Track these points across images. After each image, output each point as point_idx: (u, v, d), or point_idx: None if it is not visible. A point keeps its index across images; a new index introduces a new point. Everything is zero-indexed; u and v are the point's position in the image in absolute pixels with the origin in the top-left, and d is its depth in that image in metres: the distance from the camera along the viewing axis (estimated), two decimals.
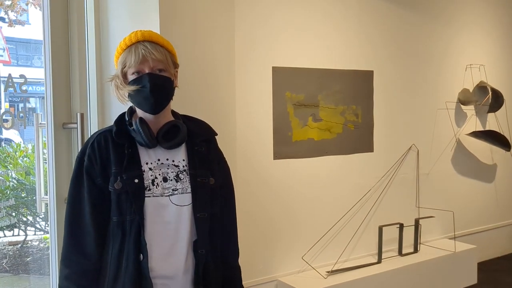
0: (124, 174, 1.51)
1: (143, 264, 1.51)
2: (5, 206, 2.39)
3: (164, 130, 1.59)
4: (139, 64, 1.53)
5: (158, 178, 1.56)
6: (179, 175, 1.59)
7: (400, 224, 3.79)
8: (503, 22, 4.74)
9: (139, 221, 1.50)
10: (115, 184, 1.51)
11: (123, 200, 1.51)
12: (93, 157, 1.53)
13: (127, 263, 1.51)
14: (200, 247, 1.59)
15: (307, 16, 3.42)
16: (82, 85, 2.18)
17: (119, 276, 1.51)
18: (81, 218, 1.53)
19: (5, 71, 2.28)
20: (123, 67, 1.56)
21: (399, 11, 3.93)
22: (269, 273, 3.31)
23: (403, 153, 3.99)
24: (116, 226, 1.52)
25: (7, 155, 2.64)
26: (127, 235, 1.51)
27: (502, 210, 4.84)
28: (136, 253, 1.51)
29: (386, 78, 3.86)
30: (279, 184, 3.33)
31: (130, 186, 1.51)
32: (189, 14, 2.49)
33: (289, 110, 3.35)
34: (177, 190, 1.58)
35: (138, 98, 1.55)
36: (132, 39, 1.57)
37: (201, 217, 1.59)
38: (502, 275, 4.31)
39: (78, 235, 1.54)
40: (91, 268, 1.54)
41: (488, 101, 4.39)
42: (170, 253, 1.55)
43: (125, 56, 1.56)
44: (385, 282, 3.50)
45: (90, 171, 1.53)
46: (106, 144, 1.54)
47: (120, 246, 1.52)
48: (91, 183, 1.53)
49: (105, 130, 1.60)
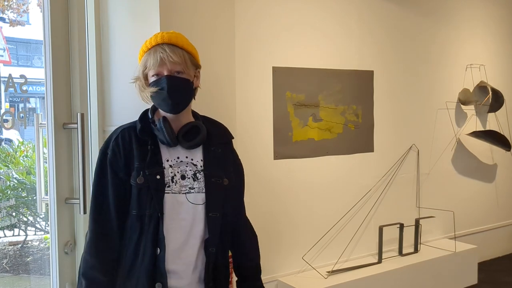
0: (147, 169, 1.57)
1: (159, 257, 1.56)
2: (6, 206, 2.39)
3: (185, 130, 1.65)
4: (157, 67, 1.59)
5: (177, 176, 1.61)
6: (196, 174, 1.65)
7: (400, 224, 3.79)
8: (503, 22, 4.73)
9: (158, 216, 1.56)
10: (138, 179, 1.56)
11: (143, 194, 1.57)
12: (117, 151, 1.59)
13: (143, 256, 1.56)
14: (211, 246, 1.64)
15: (308, 16, 3.42)
16: (82, 85, 2.18)
17: (135, 268, 1.57)
18: (106, 208, 1.59)
19: (5, 71, 2.28)
20: (144, 69, 1.62)
21: (400, 11, 3.93)
22: (269, 273, 3.31)
23: (404, 153, 3.99)
24: (136, 219, 1.57)
25: (7, 154, 2.64)
26: (146, 229, 1.57)
27: (503, 210, 4.84)
28: (153, 247, 1.56)
29: (386, 78, 3.86)
30: (280, 184, 3.33)
31: (152, 182, 1.57)
32: (189, 14, 2.49)
33: (289, 110, 3.35)
34: (193, 189, 1.63)
35: (158, 100, 1.61)
36: (152, 42, 1.63)
37: (213, 216, 1.64)
38: (503, 275, 4.31)
39: (103, 224, 1.59)
40: (114, 257, 1.60)
41: (488, 101, 4.39)
42: (183, 249, 1.60)
43: (146, 59, 1.62)
44: (386, 282, 3.50)
45: (114, 164, 1.59)
46: (130, 139, 1.61)
47: (138, 239, 1.57)
48: (114, 175, 1.59)
49: (129, 126, 1.66)
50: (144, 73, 1.63)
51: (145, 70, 1.62)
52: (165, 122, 1.60)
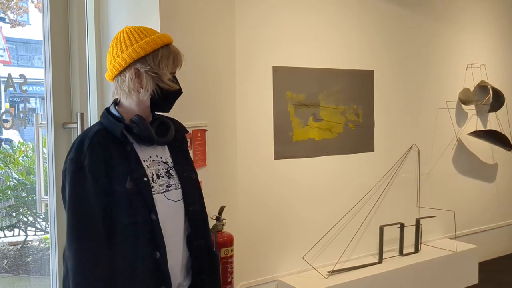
0: (134, 173, 1.49)
1: (161, 260, 1.51)
2: (6, 206, 2.39)
3: (155, 126, 1.60)
4: (178, 67, 1.60)
5: (154, 175, 1.57)
6: (169, 171, 1.61)
7: (401, 224, 3.79)
8: (504, 21, 4.73)
9: (155, 219, 1.50)
10: (126, 184, 1.47)
11: (133, 199, 1.48)
12: (95, 156, 1.46)
13: (143, 262, 1.48)
14: (195, 239, 1.62)
15: (308, 16, 3.41)
16: (82, 85, 2.17)
17: (136, 277, 1.49)
18: (92, 223, 1.44)
19: (5, 71, 2.27)
20: (160, 63, 1.54)
21: (400, 11, 3.92)
22: (270, 273, 3.31)
23: (404, 152, 3.98)
24: (129, 226, 1.47)
25: (6, 155, 2.64)
26: (141, 234, 1.49)
27: (503, 210, 4.84)
28: (152, 251, 1.50)
29: (386, 77, 3.85)
30: (280, 184, 3.32)
31: (141, 185, 1.49)
32: (189, 14, 2.49)
33: (289, 110, 3.34)
34: (171, 186, 1.59)
35: (167, 97, 1.58)
36: (168, 39, 1.59)
37: (193, 210, 1.62)
38: (503, 275, 4.30)
39: (90, 242, 1.44)
40: (107, 274, 1.46)
41: (489, 101, 4.39)
42: (169, 248, 1.55)
43: (166, 54, 1.56)
44: (386, 282, 3.49)
45: (94, 171, 1.45)
46: (106, 142, 1.50)
47: (134, 247, 1.48)
48: (95, 184, 1.45)
49: (97, 128, 1.53)
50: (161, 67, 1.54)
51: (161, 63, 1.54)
52: (144, 120, 1.54)
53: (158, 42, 1.55)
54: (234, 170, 3.10)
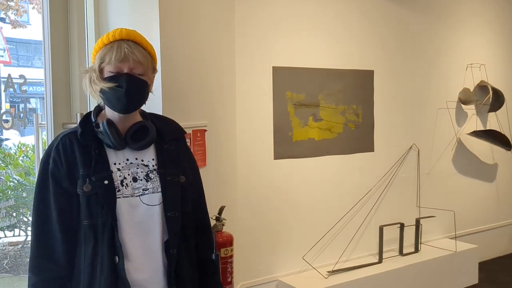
0: (93, 176, 1.48)
1: (119, 266, 1.48)
2: (6, 206, 2.39)
3: (133, 131, 1.56)
4: (119, 62, 1.49)
5: (128, 178, 1.53)
6: (149, 175, 1.57)
7: (400, 224, 3.79)
8: (503, 22, 4.73)
9: (112, 223, 1.47)
10: (84, 186, 1.47)
11: (93, 202, 1.47)
12: (58, 160, 1.49)
13: (101, 266, 1.47)
14: (172, 247, 1.56)
15: (308, 16, 3.42)
16: (82, 85, 2.18)
17: (95, 281, 1.48)
18: (48, 224, 1.49)
19: (6, 71, 2.28)
20: (102, 62, 1.51)
21: (400, 11, 3.92)
22: (269, 273, 3.31)
23: (404, 152, 3.98)
24: (88, 229, 1.48)
25: (6, 155, 2.64)
26: (100, 238, 1.48)
27: (503, 210, 4.84)
28: (111, 256, 1.47)
29: (386, 77, 3.85)
30: (280, 184, 3.33)
31: (100, 188, 1.47)
32: (189, 14, 2.49)
33: (289, 110, 3.35)
34: (147, 190, 1.55)
35: (111, 97, 1.51)
36: (116, 36, 1.52)
37: (172, 216, 1.56)
38: (503, 274, 4.30)
39: (46, 241, 1.50)
40: (61, 275, 1.49)
41: (489, 101, 4.39)
42: (145, 254, 1.53)
43: (105, 52, 1.51)
44: (386, 282, 3.50)
45: (56, 175, 1.49)
46: (72, 146, 1.50)
47: (93, 250, 1.48)
48: (57, 187, 1.49)
49: (69, 131, 1.55)
50: (101, 67, 1.50)
51: (102, 63, 1.50)
52: (109, 125, 1.51)
53: (100, 44, 1.54)
54: (234, 170, 3.10)
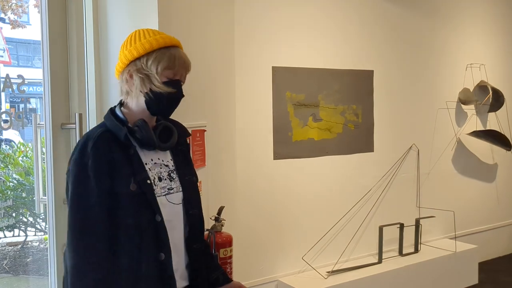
0: (138, 175, 1.50)
1: (165, 262, 1.52)
2: (5, 207, 2.39)
3: (158, 131, 1.60)
4: (179, 69, 1.55)
5: (156, 178, 1.58)
6: (171, 175, 1.62)
7: (400, 224, 3.79)
8: (503, 21, 4.73)
9: (160, 221, 1.51)
10: (131, 186, 1.48)
11: (137, 201, 1.49)
12: (98, 158, 1.47)
13: (148, 264, 1.49)
14: (194, 243, 1.64)
15: (307, 16, 3.41)
16: (80, 85, 2.18)
17: (141, 280, 1.49)
18: (91, 225, 1.45)
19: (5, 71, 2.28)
20: (161, 66, 1.52)
21: (399, 11, 3.92)
22: (269, 273, 3.31)
23: (404, 152, 3.98)
24: (133, 228, 1.48)
25: (6, 155, 2.64)
26: (145, 236, 1.49)
27: (503, 210, 4.83)
28: (156, 253, 1.51)
29: (386, 77, 3.85)
30: (279, 184, 3.33)
31: (145, 187, 1.50)
32: (188, 14, 2.49)
33: (289, 110, 3.35)
34: (172, 189, 1.60)
35: (163, 100, 1.54)
36: (172, 41, 1.56)
37: (193, 214, 1.64)
38: (503, 275, 4.30)
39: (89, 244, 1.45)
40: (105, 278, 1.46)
41: (489, 101, 4.39)
42: (172, 251, 1.56)
43: (165, 55, 1.53)
44: (386, 282, 3.49)
45: (97, 173, 1.46)
46: (110, 145, 1.50)
47: (138, 249, 1.48)
48: (99, 185, 1.46)
49: (102, 131, 1.53)
50: (158, 69, 1.52)
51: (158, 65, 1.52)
52: (147, 124, 1.54)
53: (154, 45, 1.54)
54: (233, 170, 3.10)
